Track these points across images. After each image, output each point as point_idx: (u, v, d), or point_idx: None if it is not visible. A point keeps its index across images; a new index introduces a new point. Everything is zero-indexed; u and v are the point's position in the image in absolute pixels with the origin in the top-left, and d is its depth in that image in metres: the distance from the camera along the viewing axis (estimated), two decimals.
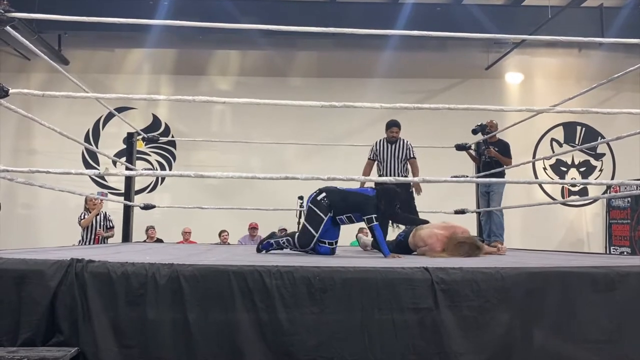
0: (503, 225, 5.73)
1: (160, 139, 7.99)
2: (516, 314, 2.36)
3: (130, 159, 6.30)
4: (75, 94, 3.56)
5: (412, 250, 4.26)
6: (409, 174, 5.54)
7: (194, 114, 9.77)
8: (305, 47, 10.25)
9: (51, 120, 4.52)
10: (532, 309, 2.39)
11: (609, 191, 9.51)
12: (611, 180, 9.82)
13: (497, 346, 2.33)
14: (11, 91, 3.00)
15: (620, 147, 9.65)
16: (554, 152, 9.99)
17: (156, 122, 10.02)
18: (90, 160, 9.81)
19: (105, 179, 9.80)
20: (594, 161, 10.42)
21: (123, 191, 6.75)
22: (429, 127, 8.75)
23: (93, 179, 9.63)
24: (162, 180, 9.94)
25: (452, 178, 4.36)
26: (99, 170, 9.06)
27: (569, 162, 10.40)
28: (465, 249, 3.80)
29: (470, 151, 6.27)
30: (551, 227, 9.90)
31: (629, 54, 9.10)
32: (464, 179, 5.11)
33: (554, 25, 8.35)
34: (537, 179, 10.11)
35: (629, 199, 9.05)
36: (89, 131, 9.92)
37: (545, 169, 10.34)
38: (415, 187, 5.47)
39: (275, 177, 3.27)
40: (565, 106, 4.72)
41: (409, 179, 5.24)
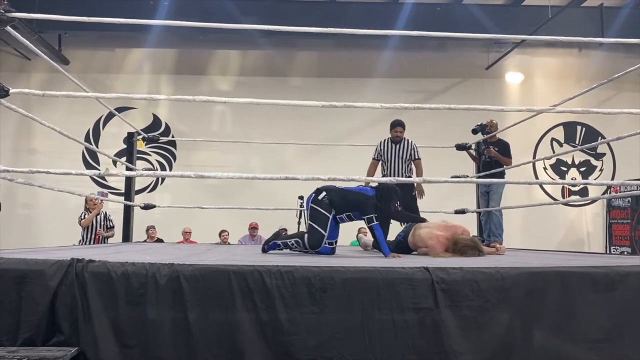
0: (502, 225, 5.72)
1: (161, 138, 7.99)
2: (516, 313, 2.36)
3: (130, 159, 6.31)
4: (76, 93, 3.56)
5: (412, 250, 4.26)
6: (413, 175, 5.49)
7: (194, 113, 9.77)
8: (306, 47, 10.25)
9: (51, 120, 4.52)
10: (532, 308, 2.39)
11: (609, 191, 9.51)
12: (611, 179, 9.82)
13: (497, 346, 2.33)
14: (11, 91, 3.00)
15: (621, 147, 9.65)
16: (554, 152, 9.99)
17: (156, 122, 10.03)
18: (91, 160, 9.81)
19: (106, 179, 9.81)
20: (594, 161, 10.41)
21: (123, 191, 6.74)
22: (429, 127, 8.74)
23: (93, 178, 9.63)
24: (163, 180, 9.95)
25: (452, 178, 4.36)
26: (99, 170, 9.07)
27: (569, 162, 10.40)
28: (466, 251, 3.80)
29: (471, 151, 6.27)
30: (551, 227, 9.89)
31: (629, 53, 9.10)
32: (463, 179, 5.11)
33: (554, 25, 8.35)
34: (538, 179, 10.10)
35: (630, 198, 9.05)
36: (89, 131, 9.93)
37: (545, 168, 10.34)
38: (418, 190, 5.43)
39: (276, 178, 3.26)
40: (565, 106, 4.72)
41: (410, 179, 5.22)
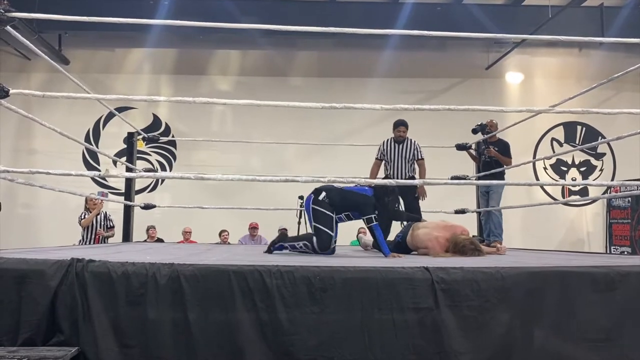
0: (502, 225, 5.72)
1: (161, 138, 7.99)
2: (516, 313, 2.36)
3: (130, 159, 6.31)
4: (76, 94, 3.57)
5: (411, 250, 4.25)
6: (416, 175, 5.47)
7: (194, 113, 9.76)
8: (306, 46, 10.25)
9: (51, 120, 4.52)
10: (532, 308, 2.39)
11: (609, 191, 9.51)
12: (612, 179, 9.82)
13: (497, 346, 2.33)
14: (12, 91, 3.00)
15: (621, 147, 9.64)
16: (554, 152, 9.99)
17: (156, 121, 10.03)
18: (91, 160, 9.81)
19: (106, 179, 9.80)
20: (594, 161, 10.41)
21: (123, 191, 6.75)
22: (429, 127, 8.70)
23: (93, 179, 9.62)
24: (163, 180, 9.94)
25: (451, 180, 4.36)
26: (99, 170, 9.07)
27: (570, 161, 10.39)
28: (466, 251, 3.80)
29: (471, 151, 6.26)
30: (551, 227, 9.89)
31: (629, 53, 9.10)
32: (463, 181, 5.11)
33: (554, 24, 8.34)
34: (538, 179, 10.10)
35: (630, 198, 9.05)
36: (89, 131, 9.92)
37: (545, 168, 10.33)
38: (419, 192, 5.41)
39: (276, 180, 3.26)
40: (565, 106, 4.71)
41: (410, 182, 5.22)
